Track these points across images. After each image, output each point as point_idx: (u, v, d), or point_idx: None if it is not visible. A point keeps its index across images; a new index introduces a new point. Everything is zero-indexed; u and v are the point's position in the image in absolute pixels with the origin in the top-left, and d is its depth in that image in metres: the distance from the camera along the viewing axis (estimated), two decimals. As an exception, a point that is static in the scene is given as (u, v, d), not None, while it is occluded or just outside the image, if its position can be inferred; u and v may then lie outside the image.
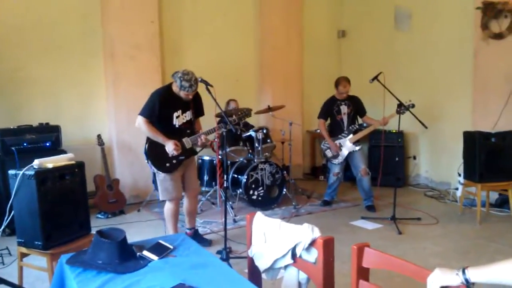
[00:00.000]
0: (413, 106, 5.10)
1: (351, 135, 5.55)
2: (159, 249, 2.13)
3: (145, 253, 2.09)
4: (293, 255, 2.20)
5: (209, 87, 3.89)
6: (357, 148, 5.57)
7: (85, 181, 3.44)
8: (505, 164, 4.97)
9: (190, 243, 2.31)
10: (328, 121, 5.79)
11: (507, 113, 5.29)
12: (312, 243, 2.14)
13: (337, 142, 5.59)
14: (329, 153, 5.63)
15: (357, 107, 5.68)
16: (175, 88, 4.01)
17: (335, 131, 5.69)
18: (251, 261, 2.38)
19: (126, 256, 2.02)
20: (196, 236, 4.48)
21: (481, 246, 4.29)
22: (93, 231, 4.47)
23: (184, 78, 3.88)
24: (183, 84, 3.89)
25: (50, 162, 3.27)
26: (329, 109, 5.70)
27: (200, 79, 3.95)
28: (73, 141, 5.72)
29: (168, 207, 4.22)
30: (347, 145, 5.55)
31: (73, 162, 3.42)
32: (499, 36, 5.46)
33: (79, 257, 2.06)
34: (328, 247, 2.09)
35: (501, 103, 5.34)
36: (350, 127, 5.59)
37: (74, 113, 5.89)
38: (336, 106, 5.64)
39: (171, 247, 2.18)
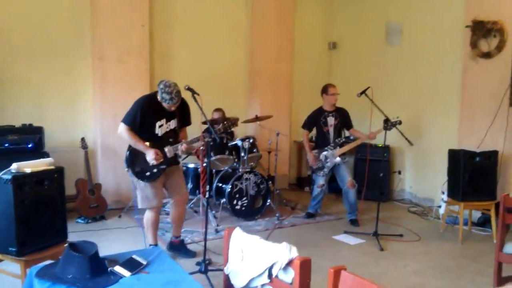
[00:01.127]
0: (400, 123, 5.11)
1: (337, 148, 5.53)
2: (132, 265, 2.08)
3: (117, 268, 2.04)
4: (270, 275, 2.17)
5: (195, 95, 3.84)
6: (343, 161, 5.56)
7: (63, 187, 3.37)
8: (489, 183, 5.00)
9: (164, 258, 2.26)
10: (314, 132, 5.78)
11: (493, 132, 5.32)
12: (289, 263, 2.12)
13: (323, 154, 5.57)
14: (314, 165, 5.61)
15: (344, 120, 5.68)
16: (159, 96, 3.94)
17: (321, 142, 5.67)
18: (227, 279, 2.34)
19: (97, 271, 1.97)
20: (181, 246, 4.43)
21: (463, 266, 4.29)
22: (71, 237, 4.42)
23: (165, 90, 3.82)
24: (164, 96, 3.83)
25: (29, 166, 3.20)
26: (315, 120, 5.68)
27: (186, 87, 3.89)
28: (57, 143, 5.65)
29: (148, 215, 4.15)
30: (333, 157, 5.53)
31: (52, 167, 3.35)
32: (487, 55, 5.50)
33: (49, 270, 2.01)
34: (305, 268, 2.07)
35: (487, 122, 5.37)
36: (337, 140, 5.58)
37: (59, 115, 5.82)
38: (323, 117, 5.63)
39: (144, 262, 2.13)
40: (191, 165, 5.76)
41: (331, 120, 5.61)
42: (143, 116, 3.93)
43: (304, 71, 7.84)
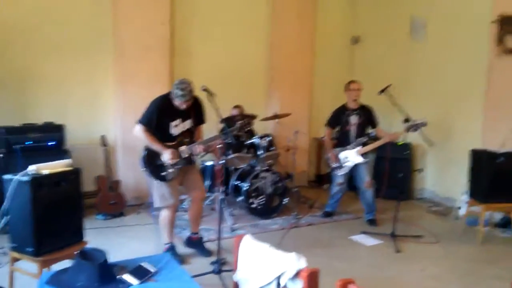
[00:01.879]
0: (424, 124, 4.99)
1: (359, 147, 5.44)
2: (141, 272, 2.11)
3: (126, 276, 2.07)
4: (278, 284, 2.17)
5: (212, 96, 3.87)
6: (365, 160, 5.45)
7: (80, 188, 3.43)
8: (511, 185, 4.87)
9: (173, 266, 2.28)
10: (338, 130, 5.71)
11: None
12: (298, 274, 2.11)
13: (343, 153, 5.49)
14: (334, 164, 5.55)
15: (368, 118, 5.55)
16: (172, 96, 4.01)
17: (343, 141, 5.58)
18: (236, 286, 2.35)
19: (106, 279, 2.00)
20: (199, 243, 4.48)
21: (481, 270, 4.21)
22: (91, 234, 4.51)
23: (178, 87, 3.89)
24: (176, 92, 3.90)
25: (46, 168, 3.26)
26: (338, 118, 5.60)
27: (203, 88, 3.94)
28: (78, 141, 5.74)
29: (164, 214, 4.19)
30: (354, 156, 5.44)
31: (70, 168, 3.40)
32: (514, 51, 5.34)
33: (60, 277, 2.05)
34: (312, 279, 2.06)
35: (511, 122, 5.22)
36: (358, 139, 5.46)
37: (81, 112, 5.90)
38: (346, 115, 5.53)
39: (153, 270, 2.15)
40: (209, 163, 5.79)
41: (354, 119, 5.51)
42: (160, 116, 3.98)
43: (325, 67, 7.74)
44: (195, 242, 4.48)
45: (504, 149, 5.00)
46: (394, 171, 5.82)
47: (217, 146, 4.27)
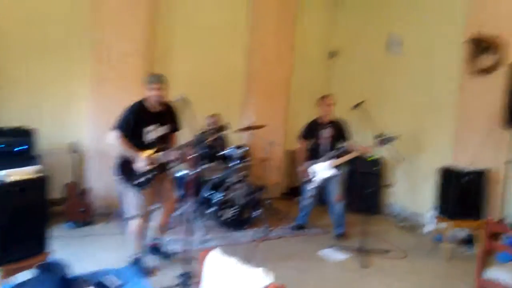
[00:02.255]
0: (393, 139, 5.11)
1: (329, 161, 5.52)
2: (104, 286, 2.08)
3: (88, 290, 2.04)
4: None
5: (187, 105, 3.91)
6: (335, 174, 5.53)
7: (46, 196, 3.37)
8: (477, 202, 5.01)
9: (139, 279, 2.26)
10: (310, 143, 5.76)
11: (485, 150, 5.29)
12: (264, 290, 2.12)
13: (315, 166, 5.55)
14: (306, 177, 5.60)
15: (340, 132, 5.62)
16: (147, 102, 4.04)
17: (314, 154, 5.64)
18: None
19: (67, 293, 1.96)
20: (159, 248, 4.51)
21: (447, 286, 4.30)
22: (59, 242, 4.42)
23: (149, 77, 4.05)
24: (150, 79, 4.02)
25: (14, 174, 3.20)
26: (310, 131, 5.66)
27: (179, 97, 3.96)
28: (49, 146, 5.62)
29: (135, 223, 4.15)
30: (325, 170, 5.51)
31: (37, 175, 3.36)
32: (484, 71, 5.47)
33: (20, 289, 2.01)
34: (277, 296, 2.07)
35: (480, 140, 5.34)
36: (330, 153, 5.54)
37: (53, 117, 5.79)
38: (319, 129, 5.60)
39: (117, 283, 2.12)
40: (181, 173, 5.75)
41: (326, 133, 5.58)
42: (134, 122, 3.97)
43: (302, 79, 7.80)
44: (155, 248, 4.51)
45: (471, 168, 5.14)
46: (364, 186, 5.91)
47: (189, 156, 4.29)
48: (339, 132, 5.62)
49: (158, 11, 6.33)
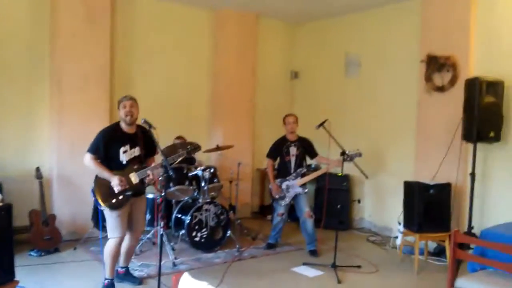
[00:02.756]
0: (359, 155, 5.23)
1: (298, 178, 5.58)
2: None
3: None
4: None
5: (151, 129, 3.91)
6: (304, 191, 5.60)
7: (11, 225, 3.26)
8: (443, 215, 5.13)
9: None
10: (278, 161, 5.82)
11: (446, 164, 5.46)
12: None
13: (284, 184, 5.61)
14: (276, 195, 5.63)
15: (306, 149, 5.73)
16: (120, 124, 4.12)
17: (283, 172, 5.71)
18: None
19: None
20: (127, 274, 4.46)
21: (417, 298, 4.36)
22: (24, 271, 4.28)
23: (120, 99, 4.13)
24: (121, 98, 4.11)
25: (-26, 204, 3.09)
26: (278, 149, 5.73)
27: (143, 121, 3.99)
28: (10, 173, 5.48)
29: (111, 245, 4.12)
30: (294, 187, 5.57)
31: (1, 203, 3.24)
32: (441, 89, 5.68)
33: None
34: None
35: (441, 154, 5.50)
36: (298, 170, 5.62)
37: (14, 143, 5.65)
38: (286, 147, 5.68)
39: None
40: (149, 195, 5.65)
41: (293, 150, 5.66)
42: (107, 143, 4.05)
43: (266, 99, 7.91)
44: (123, 275, 4.46)
45: (434, 181, 5.28)
46: (334, 202, 5.96)
47: (158, 178, 4.28)
48: (306, 149, 5.72)
49: (118, 36, 6.32)
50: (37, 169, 5.35)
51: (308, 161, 5.95)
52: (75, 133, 5.59)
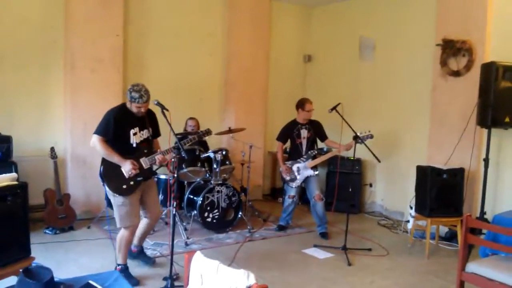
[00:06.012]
0: (371, 137, 5.21)
1: (309, 160, 5.58)
2: (89, 291, 2.07)
3: (73, 295, 2.02)
4: (228, 301, 2.17)
5: (164, 111, 3.82)
6: (315, 173, 5.60)
7: (27, 202, 3.32)
8: (455, 200, 5.10)
9: (121, 284, 2.24)
10: (289, 144, 5.82)
11: (460, 149, 5.42)
12: (248, 290, 2.13)
13: (295, 166, 5.61)
14: (287, 176, 5.64)
15: (317, 132, 5.71)
16: (129, 105, 3.94)
17: (294, 154, 5.71)
18: (186, 303, 2.34)
19: (52, 299, 1.94)
20: (140, 253, 4.47)
21: (428, 282, 4.36)
22: (39, 248, 4.38)
23: (133, 89, 3.83)
24: (133, 95, 3.83)
25: (-9, 182, 3.15)
26: (288, 132, 5.73)
27: (156, 102, 3.88)
28: (26, 153, 5.57)
29: (123, 234, 4.03)
30: (305, 169, 5.58)
31: (15, 182, 3.30)
32: (456, 73, 5.60)
33: (3, 296, 1.98)
34: (262, 295, 2.08)
35: (455, 139, 5.46)
36: (309, 152, 5.62)
37: (29, 123, 5.72)
38: (296, 129, 5.67)
39: (101, 288, 2.11)
40: (162, 176, 5.72)
41: (304, 133, 5.66)
42: (117, 124, 3.86)
43: (279, 83, 7.89)
44: (137, 253, 4.47)
45: (448, 166, 5.25)
46: (345, 185, 5.96)
47: (171, 160, 4.25)
48: (317, 132, 5.70)
49: (132, 18, 6.30)
50: (52, 149, 5.41)
51: (320, 144, 5.94)
52: (89, 114, 5.63)
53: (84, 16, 5.73)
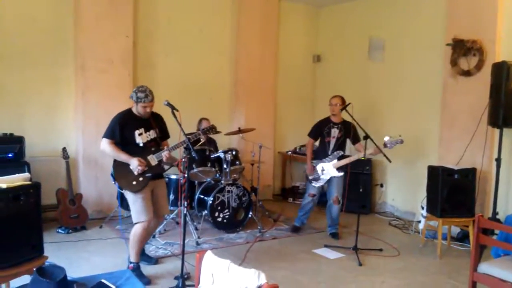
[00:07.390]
0: (401, 142, 5.11)
1: (335, 160, 5.46)
2: (101, 289, 2.09)
3: (86, 294, 2.05)
4: (239, 300, 2.18)
5: (174, 111, 3.87)
6: (339, 174, 5.48)
7: (39, 202, 3.35)
8: (467, 200, 5.05)
9: (133, 283, 2.26)
10: (319, 141, 5.73)
11: (471, 149, 5.38)
12: (258, 289, 2.13)
13: (320, 165, 5.53)
14: (310, 175, 5.61)
15: (348, 133, 5.53)
16: (134, 109, 4.11)
17: (321, 153, 5.61)
18: (197, 302, 2.35)
19: (65, 297, 1.96)
20: (142, 255, 4.45)
21: (439, 283, 4.33)
22: (52, 248, 4.42)
23: (139, 90, 4.02)
24: (139, 95, 4.00)
25: (4, 182, 3.19)
26: (319, 129, 5.63)
27: (166, 103, 3.94)
28: (38, 153, 5.63)
29: (137, 231, 4.09)
30: (330, 169, 5.47)
31: (28, 182, 3.34)
32: (467, 73, 5.57)
33: (17, 295, 2.01)
34: (273, 295, 2.08)
35: (466, 139, 5.42)
36: (336, 152, 5.49)
37: (41, 124, 5.78)
38: (328, 127, 5.57)
39: (113, 287, 2.13)
40: (173, 176, 5.75)
41: (334, 132, 5.54)
42: (123, 127, 4.06)
43: (288, 83, 7.90)
44: (140, 254, 4.42)
45: (459, 166, 5.21)
46: (356, 186, 5.95)
47: (181, 160, 4.30)
48: (348, 133, 5.54)
49: (141, 18, 6.34)
50: (64, 149, 5.47)
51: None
52: (100, 114, 5.68)
53: (94, 17, 5.78)
